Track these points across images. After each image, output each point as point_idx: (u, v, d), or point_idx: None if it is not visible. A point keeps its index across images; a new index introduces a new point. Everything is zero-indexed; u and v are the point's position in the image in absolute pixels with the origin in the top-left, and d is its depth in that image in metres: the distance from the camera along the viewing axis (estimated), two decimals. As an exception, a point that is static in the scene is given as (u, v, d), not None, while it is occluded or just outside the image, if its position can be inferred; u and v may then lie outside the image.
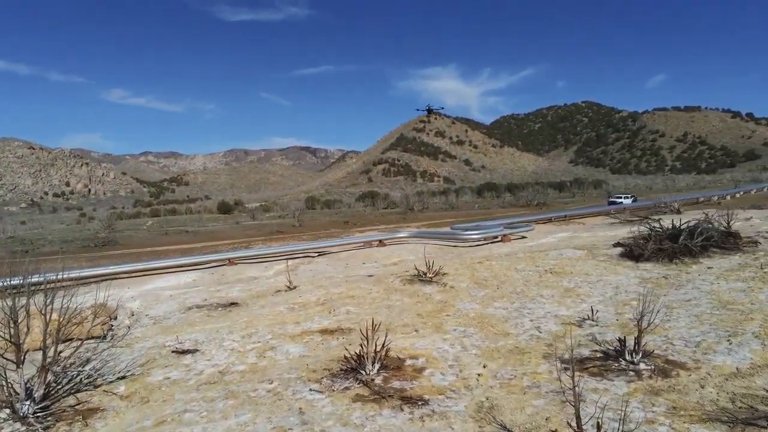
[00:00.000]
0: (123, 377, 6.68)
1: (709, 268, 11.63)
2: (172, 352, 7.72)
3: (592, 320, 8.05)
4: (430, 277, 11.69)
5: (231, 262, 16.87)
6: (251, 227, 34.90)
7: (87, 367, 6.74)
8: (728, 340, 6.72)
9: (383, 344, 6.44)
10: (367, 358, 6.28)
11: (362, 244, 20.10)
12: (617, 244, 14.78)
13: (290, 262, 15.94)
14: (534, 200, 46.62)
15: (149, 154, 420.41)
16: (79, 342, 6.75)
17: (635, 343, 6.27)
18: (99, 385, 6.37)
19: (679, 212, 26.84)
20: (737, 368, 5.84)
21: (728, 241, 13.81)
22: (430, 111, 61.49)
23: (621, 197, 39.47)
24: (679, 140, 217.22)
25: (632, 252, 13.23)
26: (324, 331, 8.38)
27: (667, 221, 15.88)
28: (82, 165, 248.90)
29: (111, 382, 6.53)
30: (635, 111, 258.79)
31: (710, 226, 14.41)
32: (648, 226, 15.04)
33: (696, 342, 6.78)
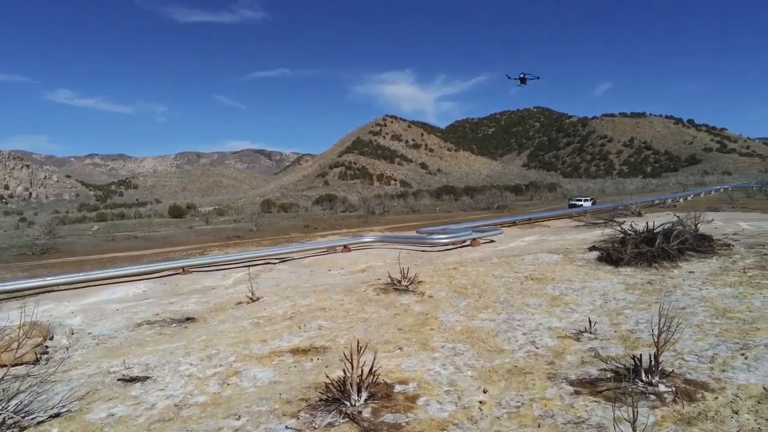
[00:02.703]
0: (57, 415, 5.56)
1: (690, 272, 11.30)
2: (118, 380, 6.62)
3: (590, 333, 7.42)
4: (406, 286, 10.89)
5: (185, 270, 15.61)
6: (206, 232, 33.28)
7: (12, 403, 5.59)
8: (743, 354, 6.19)
9: (371, 368, 5.58)
10: (351, 385, 5.40)
11: (326, 249, 19.13)
12: (593, 248, 14.39)
13: (251, 269, 14.84)
14: (495, 203, 46.60)
15: (95, 157, 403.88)
16: (4, 370, 5.64)
17: (651, 361, 5.62)
18: (25, 428, 5.25)
19: (640, 215, 27.05)
20: (765, 387, 5.27)
21: (703, 245, 13.60)
22: (523, 80, 55.00)
23: (581, 200, 39.79)
24: (626, 145, 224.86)
25: (611, 256, 12.82)
26: (296, 351, 7.43)
27: (635, 225, 15.64)
28: (22, 167, 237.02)
29: (41, 422, 5.40)
30: (585, 116, 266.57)
31: (684, 229, 14.21)
32: (620, 229, 14.73)
33: (709, 357, 6.22)
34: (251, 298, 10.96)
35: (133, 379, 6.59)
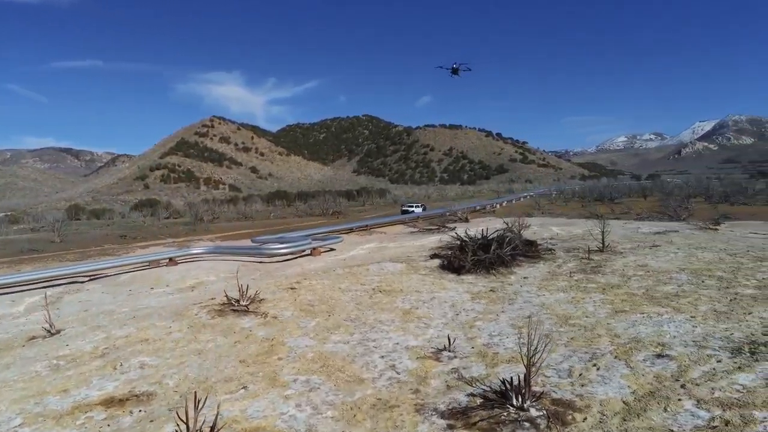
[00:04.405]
0: None
1: (525, 278, 11.84)
2: None
3: (449, 351, 7.09)
4: (246, 306, 9.71)
5: (-43, 296, 12.42)
6: (-9, 245, 27.76)
7: None
8: (595, 365, 6.28)
9: (213, 424, 4.48)
10: (187, 450, 4.27)
11: (148, 263, 16.85)
12: (434, 256, 14.55)
13: (49, 291, 12.30)
14: (329, 209, 46.43)
15: None
16: None
17: (520, 383, 5.36)
18: None
19: (467, 221, 28.75)
20: (624, 401, 5.30)
21: (531, 250, 14.53)
22: (455, 70, 48.81)
23: (413, 206, 41.30)
24: (445, 154, 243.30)
25: (452, 264, 13.00)
26: (109, 402, 5.92)
27: (468, 231, 16.28)
28: None
29: None
30: (409, 126, 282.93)
31: (513, 235, 15.05)
32: (457, 236, 15.17)
33: (566, 370, 6.21)
34: (49, 331, 8.87)
35: None
